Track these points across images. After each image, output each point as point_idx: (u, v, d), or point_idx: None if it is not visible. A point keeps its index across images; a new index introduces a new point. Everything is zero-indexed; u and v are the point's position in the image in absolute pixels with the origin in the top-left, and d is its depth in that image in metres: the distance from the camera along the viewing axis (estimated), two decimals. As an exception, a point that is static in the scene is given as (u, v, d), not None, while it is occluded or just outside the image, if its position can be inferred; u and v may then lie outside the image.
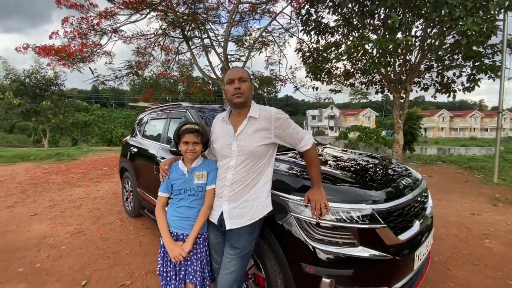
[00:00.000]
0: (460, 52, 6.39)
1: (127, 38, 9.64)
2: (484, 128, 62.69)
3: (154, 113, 3.82)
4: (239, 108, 1.53)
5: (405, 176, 2.00)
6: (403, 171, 2.17)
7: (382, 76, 7.72)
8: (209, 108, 3.19)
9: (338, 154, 2.58)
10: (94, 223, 3.85)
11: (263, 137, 1.47)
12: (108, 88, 14.10)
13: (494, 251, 2.97)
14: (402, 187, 1.83)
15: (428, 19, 5.98)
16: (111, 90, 46.46)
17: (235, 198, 1.48)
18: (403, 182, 1.90)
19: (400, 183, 1.86)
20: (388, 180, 1.91)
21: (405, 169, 2.23)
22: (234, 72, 1.51)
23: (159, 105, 4.04)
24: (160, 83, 17.47)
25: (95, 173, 7.67)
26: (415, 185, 1.96)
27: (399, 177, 1.96)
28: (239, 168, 1.47)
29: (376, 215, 1.54)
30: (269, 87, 18.99)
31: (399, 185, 1.84)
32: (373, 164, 2.32)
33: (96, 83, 9.74)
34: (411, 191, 1.83)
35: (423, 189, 2.02)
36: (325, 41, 8.04)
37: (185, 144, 1.58)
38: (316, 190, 1.53)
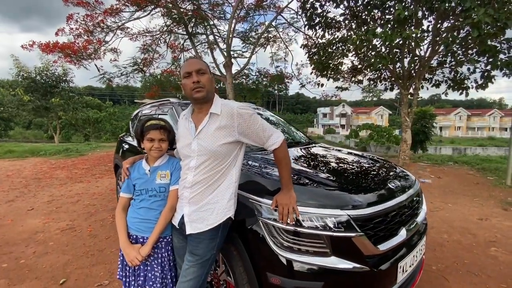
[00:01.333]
0: (474, 47, 6.03)
1: (133, 35, 9.68)
2: (504, 127, 59.98)
3: (145, 110, 3.76)
4: (200, 104, 1.41)
5: (393, 179, 1.83)
6: (393, 172, 1.99)
7: (390, 72, 7.41)
8: None
9: (324, 153, 2.42)
10: (86, 219, 3.84)
11: (225, 135, 1.35)
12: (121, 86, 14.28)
13: (500, 260, 2.74)
14: (387, 190, 1.66)
15: (439, 12, 5.66)
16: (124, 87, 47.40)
17: (195, 201, 1.37)
18: (390, 185, 1.73)
19: (386, 186, 1.69)
20: (372, 182, 1.75)
21: (396, 171, 2.05)
22: (191, 64, 1.38)
23: (151, 102, 3.98)
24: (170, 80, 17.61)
25: (99, 169, 7.76)
26: (404, 189, 1.78)
27: (385, 180, 1.79)
28: (200, 169, 1.35)
29: (352, 222, 1.39)
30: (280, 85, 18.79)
31: (384, 188, 1.67)
32: (360, 165, 2.15)
33: (102, 81, 9.84)
34: (397, 196, 1.66)
35: (414, 193, 1.85)
36: (331, 36, 7.80)
37: (150, 142, 1.48)
38: (286, 193, 1.40)
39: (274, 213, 1.42)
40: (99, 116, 24.69)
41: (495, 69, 5.98)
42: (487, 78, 6.32)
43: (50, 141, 21.85)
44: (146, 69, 10.30)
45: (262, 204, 1.47)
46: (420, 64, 6.65)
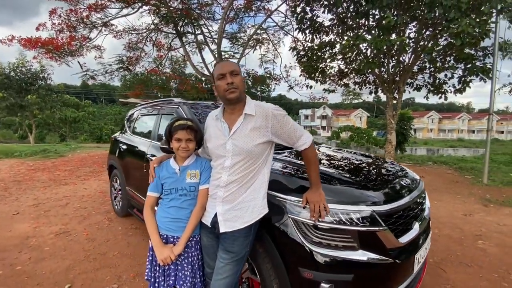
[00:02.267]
0: (452, 54, 6.47)
1: (118, 32, 9.38)
2: (471, 130, 64.31)
3: (145, 109, 3.69)
4: (233, 105, 1.43)
5: (403, 177, 1.96)
6: (401, 171, 2.12)
7: (376, 76, 7.74)
8: (201, 105, 3.07)
9: (334, 153, 2.52)
10: (80, 222, 3.69)
11: (260, 136, 1.39)
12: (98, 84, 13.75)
13: (488, 252, 2.97)
14: (402, 188, 1.77)
15: (422, 21, 6.01)
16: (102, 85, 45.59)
17: (230, 200, 1.40)
18: (403, 183, 1.85)
19: (400, 184, 1.81)
20: (388, 180, 1.86)
21: (403, 170, 2.18)
22: (225, 65, 1.41)
23: (150, 101, 3.90)
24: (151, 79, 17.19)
25: (83, 170, 7.44)
26: (414, 186, 1.91)
27: (398, 178, 1.91)
28: (234, 169, 1.38)
29: (377, 217, 1.48)
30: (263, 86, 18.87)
31: (399, 186, 1.78)
32: (371, 164, 2.26)
33: (85, 78, 9.43)
34: (410, 192, 1.78)
35: (421, 190, 1.98)
36: (320, 40, 8.02)
37: (178, 141, 1.49)
38: (315, 191, 1.46)
39: (303, 210, 1.47)
40: (77, 116, 23.57)
41: (472, 75, 6.46)
42: (464, 83, 6.82)
43: (22, 142, 20.53)
44: (132, 68, 10.01)
45: (291, 201, 1.52)
46: (404, 69, 7.01)
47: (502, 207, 4.50)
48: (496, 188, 5.73)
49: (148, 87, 15.86)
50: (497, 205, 4.61)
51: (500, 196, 5.13)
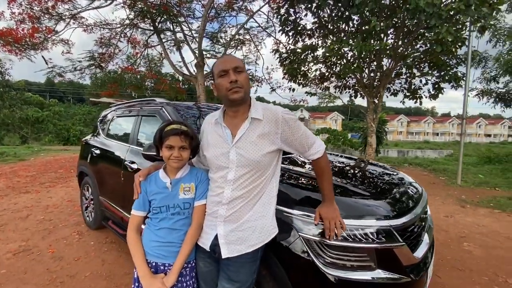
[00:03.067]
0: (427, 61, 6.74)
1: (88, 26, 8.71)
2: (436, 132, 69.03)
3: (121, 110, 3.35)
4: (237, 106, 1.23)
5: (410, 185, 1.87)
6: (406, 180, 2.03)
7: (357, 80, 7.88)
8: (183, 106, 2.81)
9: (333, 158, 2.39)
10: (44, 238, 3.25)
11: (268, 143, 1.20)
12: (66, 82, 12.75)
13: (474, 254, 3.01)
14: (411, 197, 1.68)
15: (400, 28, 6.18)
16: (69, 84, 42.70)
17: (234, 219, 1.19)
18: (410, 192, 1.75)
19: (409, 193, 1.71)
20: (399, 191, 1.75)
21: (408, 178, 2.10)
22: (228, 61, 1.21)
23: (127, 101, 3.56)
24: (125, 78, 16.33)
25: (48, 176, 6.75)
26: (420, 194, 1.83)
27: (407, 187, 1.81)
28: (239, 182, 1.18)
29: (393, 232, 1.35)
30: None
31: (409, 195, 1.68)
32: (379, 173, 2.14)
33: (51, 75, 8.64)
34: (419, 202, 1.69)
35: (426, 198, 1.91)
36: (303, 43, 8.02)
37: (169, 149, 1.25)
38: (329, 205, 1.30)
39: (315, 228, 1.31)
40: (41, 115, 21.75)
41: (446, 82, 6.78)
42: (438, 89, 7.14)
43: (-26, 144, 18.47)
44: (105, 65, 9.35)
45: (301, 217, 1.35)
46: (385, 74, 7.19)
47: (478, 208, 4.69)
48: (469, 189, 6.01)
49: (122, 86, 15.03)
50: (473, 206, 4.80)
51: (474, 196, 5.38)
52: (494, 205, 4.77)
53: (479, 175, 7.37)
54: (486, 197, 5.27)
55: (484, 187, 6.15)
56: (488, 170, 8.20)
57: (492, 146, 26.91)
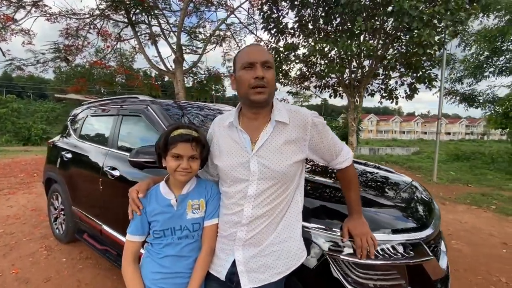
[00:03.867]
0: (403, 63, 6.98)
1: (53, 15, 7.91)
2: (402, 131, 73.42)
3: (96, 108, 2.99)
4: (258, 108, 1.05)
5: (424, 191, 1.79)
6: (417, 186, 1.95)
7: (339, 80, 7.96)
8: (167, 104, 2.53)
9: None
10: (5, 255, 2.80)
11: (295, 151, 1.02)
12: (25, 76, 11.58)
13: (464, 253, 3.09)
14: (431, 206, 1.59)
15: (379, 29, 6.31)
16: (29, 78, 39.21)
17: (256, 242, 1.00)
18: (426, 199, 1.67)
19: (427, 202, 1.63)
20: (418, 199, 1.65)
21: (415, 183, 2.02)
22: (257, 52, 1.00)
23: (102, 99, 3.20)
24: (93, 73, 15.23)
25: (7, 182, 6.01)
26: (432, 200, 1.76)
27: (422, 194, 1.73)
28: (262, 198, 0.99)
29: (423, 245, 1.25)
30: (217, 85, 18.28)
31: (427, 204, 1.60)
32: (390, 178, 2.01)
33: (10, 68, 7.72)
34: (437, 211, 1.61)
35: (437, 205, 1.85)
36: (285, 41, 7.94)
37: (176, 159, 1.03)
38: (357, 219, 1.16)
39: (344, 246, 1.17)
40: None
41: (421, 83, 7.07)
42: (414, 90, 7.43)
43: None
44: (72, 58, 8.56)
45: (326, 234, 1.19)
46: (364, 74, 7.32)
47: (456, 205, 4.90)
48: (444, 186, 6.30)
49: (91, 82, 14.01)
50: (452, 203, 5.01)
51: (451, 193, 5.63)
52: (471, 202, 5.01)
53: (450, 172, 7.80)
54: (461, 194, 5.54)
55: (458, 184, 6.50)
56: (458, 167, 8.72)
57: (452, 143, 29.15)
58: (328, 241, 1.19)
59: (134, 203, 1.05)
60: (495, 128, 9.74)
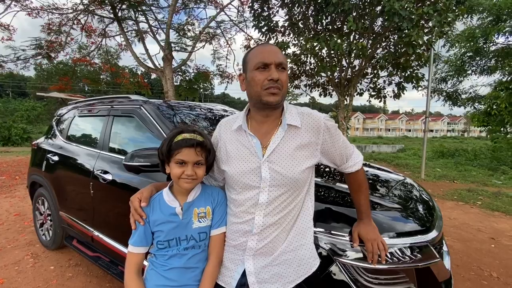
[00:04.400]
0: (391, 62, 7.10)
1: (34, 10, 7.54)
2: (388, 128, 75.28)
3: (84, 108, 2.85)
4: (269, 110, 1.00)
5: (424, 192, 1.80)
6: (416, 186, 1.96)
7: (329, 79, 8.01)
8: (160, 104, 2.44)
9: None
10: (-14, 265, 2.64)
11: (308, 156, 0.99)
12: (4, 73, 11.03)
13: (455, 249, 3.16)
14: (434, 208, 1.60)
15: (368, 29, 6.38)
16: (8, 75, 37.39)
17: (267, 251, 0.96)
18: (427, 200, 1.68)
19: (429, 203, 1.64)
20: (421, 200, 1.66)
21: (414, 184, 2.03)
22: (272, 52, 0.95)
23: (91, 98, 3.06)
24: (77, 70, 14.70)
25: (-15, 185, 5.70)
26: (432, 199, 1.78)
27: (423, 195, 1.74)
28: (274, 206, 0.95)
29: (431, 247, 1.25)
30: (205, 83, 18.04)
31: (429, 205, 1.60)
32: (391, 179, 2.01)
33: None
34: (439, 210, 1.63)
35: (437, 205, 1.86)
36: (275, 40, 7.91)
37: (180, 166, 0.97)
38: (367, 224, 1.14)
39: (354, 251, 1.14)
40: (-28, 112, 18.66)
41: (408, 82, 7.21)
42: (400, 89, 7.59)
43: None
44: (54, 55, 8.20)
45: (336, 239, 1.16)
46: (355, 73, 7.40)
47: (445, 201, 5.04)
48: (432, 183, 6.47)
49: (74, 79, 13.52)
50: (440, 199, 5.15)
51: (439, 190, 5.79)
52: (458, 198, 5.16)
53: (437, 169, 8.02)
54: (448, 190, 5.71)
55: (444, 180, 6.69)
56: (443, 164, 8.98)
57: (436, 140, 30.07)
58: (336, 245, 1.16)
59: (137, 213, 0.98)
60: (478, 126, 10.10)
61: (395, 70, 7.29)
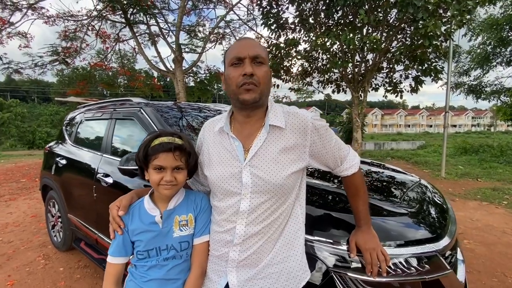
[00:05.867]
0: (407, 55, 6.77)
1: (50, 17, 7.85)
2: (407, 124, 72.60)
3: (91, 112, 2.89)
4: (249, 110, 0.92)
5: (436, 195, 1.66)
6: (429, 188, 1.81)
7: (342, 75, 7.78)
8: (163, 106, 2.42)
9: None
10: (2, 266, 2.74)
11: (294, 160, 0.90)
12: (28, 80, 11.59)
13: (477, 253, 2.94)
14: (446, 211, 1.46)
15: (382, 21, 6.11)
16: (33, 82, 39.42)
17: (251, 263, 0.89)
18: (441, 203, 1.54)
19: (442, 207, 1.49)
20: (431, 204, 1.52)
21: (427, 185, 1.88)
22: (246, 45, 0.88)
23: (98, 101, 3.10)
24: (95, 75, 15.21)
25: (8, 187, 5.99)
26: (448, 206, 1.62)
27: (434, 198, 1.60)
28: (256, 214, 0.87)
29: (440, 258, 1.12)
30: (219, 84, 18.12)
31: (442, 210, 1.46)
32: (399, 180, 1.88)
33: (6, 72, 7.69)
34: (453, 214, 1.48)
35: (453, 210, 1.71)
36: (285, 37, 7.78)
37: (159, 172, 0.92)
38: (366, 232, 1.03)
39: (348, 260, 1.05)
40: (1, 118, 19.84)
41: (426, 76, 6.85)
42: (418, 83, 7.23)
43: None
44: (70, 61, 8.50)
45: (333, 249, 1.07)
46: (368, 68, 7.13)
47: (466, 201, 4.73)
48: (453, 181, 6.12)
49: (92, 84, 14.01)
50: (462, 199, 4.84)
51: (460, 189, 5.45)
52: (481, 197, 4.84)
53: (459, 167, 7.59)
54: (471, 189, 5.36)
55: (467, 179, 6.31)
56: (466, 161, 8.49)
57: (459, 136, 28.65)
58: (333, 255, 1.07)
59: (115, 222, 0.94)
60: (504, 119, 9.47)
61: (411, 64, 6.96)
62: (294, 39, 7.35)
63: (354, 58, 7.24)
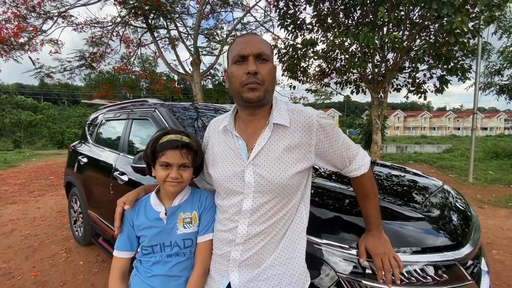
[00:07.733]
0: (431, 54, 6.44)
1: (78, 25, 8.30)
2: (432, 127, 69.22)
3: (111, 113, 3.00)
4: (253, 108, 0.90)
5: (459, 201, 1.55)
6: (450, 191, 1.70)
7: (361, 76, 7.57)
8: (179, 107, 2.46)
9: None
10: (28, 257, 2.90)
11: (298, 159, 0.87)
12: (59, 84, 12.33)
13: (507, 264, 2.72)
14: (469, 218, 1.36)
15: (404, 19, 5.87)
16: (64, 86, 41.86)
17: (253, 263, 0.87)
18: (463, 209, 1.44)
19: (464, 213, 1.39)
20: (452, 209, 1.43)
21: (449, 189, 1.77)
22: (250, 42, 0.85)
23: (117, 102, 3.22)
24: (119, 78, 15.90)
25: (38, 184, 6.37)
26: (471, 212, 1.51)
27: (456, 203, 1.49)
28: (259, 214, 0.85)
29: (460, 267, 1.04)
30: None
31: (465, 216, 1.36)
32: (416, 183, 1.79)
33: (39, 76, 8.23)
34: (477, 221, 1.38)
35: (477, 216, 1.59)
36: (302, 37, 7.71)
37: (165, 168, 0.92)
38: (377, 236, 0.98)
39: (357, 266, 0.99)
40: (34, 119, 21.23)
41: (452, 75, 6.48)
42: (444, 83, 6.85)
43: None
44: (96, 65, 8.94)
45: (343, 253, 1.02)
46: (389, 68, 6.89)
47: (497, 208, 4.41)
48: (482, 187, 5.73)
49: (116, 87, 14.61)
50: (491, 206, 4.52)
51: (490, 196, 5.10)
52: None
53: (489, 172, 7.11)
54: (502, 196, 5.00)
55: (497, 185, 5.89)
56: (497, 166, 7.94)
57: (490, 139, 26.90)
58: (342, 261, 1.02)
59: (117, 218, 0.95)
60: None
61: (436, 62, 6.63)
62: (312, 39, 7.27)
63: (373, 58, 7.02)
